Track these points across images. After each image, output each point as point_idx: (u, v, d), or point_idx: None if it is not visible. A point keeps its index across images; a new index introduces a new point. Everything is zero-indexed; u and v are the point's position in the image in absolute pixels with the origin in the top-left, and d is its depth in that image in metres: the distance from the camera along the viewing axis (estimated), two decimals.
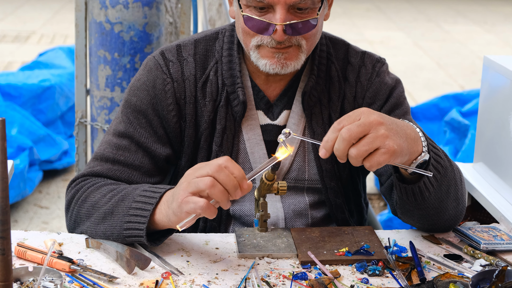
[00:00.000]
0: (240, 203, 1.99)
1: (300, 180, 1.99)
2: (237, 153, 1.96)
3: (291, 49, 1.85)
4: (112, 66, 3.02)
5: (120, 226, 1.74)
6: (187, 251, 1.77)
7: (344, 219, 2.02)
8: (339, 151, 1.59)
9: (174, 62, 1.97)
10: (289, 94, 1.99)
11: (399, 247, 1.79)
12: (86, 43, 3.15)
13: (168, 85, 1.95)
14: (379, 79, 2.01)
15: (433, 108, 5.11)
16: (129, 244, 1.76)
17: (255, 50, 1.87)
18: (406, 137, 1.65)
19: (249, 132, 1.97)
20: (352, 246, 1.78)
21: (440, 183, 1.78)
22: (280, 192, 1.80)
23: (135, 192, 1.77)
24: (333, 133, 1.60)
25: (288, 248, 1.77)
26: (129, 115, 1.95)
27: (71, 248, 1.75)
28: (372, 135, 1.58)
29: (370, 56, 2.05)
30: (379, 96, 2.00)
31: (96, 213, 1.80)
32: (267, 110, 1.98)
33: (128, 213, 1.74)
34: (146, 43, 3.02)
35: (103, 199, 1.81)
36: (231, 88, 1.95)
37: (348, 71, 2.01)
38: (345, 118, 1.61)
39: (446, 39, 9.65)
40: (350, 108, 1.99)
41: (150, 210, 1.71)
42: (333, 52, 2.02)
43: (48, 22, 9.61)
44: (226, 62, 1.96)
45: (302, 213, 2.00)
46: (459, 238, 1.87)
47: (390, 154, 1.59)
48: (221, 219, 1.99)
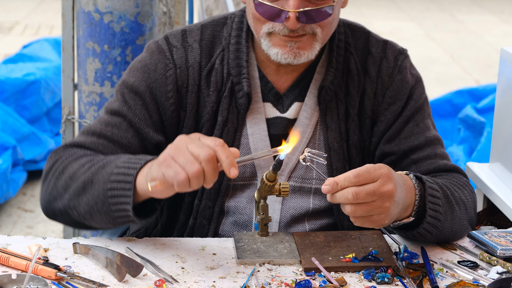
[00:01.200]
0: (236, 198, 1.99)
1: (307, 179, 1.99)
2: (238, 148, 1.97)
3: (304, 38, 1.86)
4: (102, 59, 3.02)
5: (103, 195, 1.74)
6: (182, 257, 1.77)
7: (352, 227, 2.01)
8: (336, 200, 1.65)
9: (178, 47, 1.98)
10: (302, 86, 1.99)
11: (410, 253, 1.79)
12: (73, 34, 3.15)
13: (170, 71, 1.95)
14: (401, 76, 2.02)
15: (446, 104, 5.11)
16: (116, 220, 1.75)
17: (266, 38, 1.88)
18: (402, 206, 1.73)
19: (253, 126, 1.97)
20: (359, 252, 1.78)
21: (442, 228, 1.83)
22: (282, 194, 1.81)
23: (119, 159, 1.78)
24: (345, 182, 1.64)
25: (291, 254, 1.77)
26: (125, 95, 1.96)
27: (57, 254, 1.76)
28: (376, 204, 1.65)
29: (392, 46, 2.05)
30: (399, 96, 2.01)
31: (74, 184, 1.79)
32: (276, 101, 1.99)
33: (109, 179, 1.73)
34: (138, 34, 3.02)
35: (81, 169, 1.80)
36: (236, 78, 1.95)
37: (368, 63, 2.01)
38: (364, 174, 1.64)
39: (460, 30, 9.65)
40: (370, 105, 2.00)
41: (134, 174, 1.71)
42: (352, 41, 2.02)
43: (33, 11, 9.61)
44: (233, 50, 1.96)
45: (299, 220, 2.00)
46: (474, 244, 1.88)
47: (378, 224, 1.68)
48: (213, 215, 1.99)
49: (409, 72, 2.04)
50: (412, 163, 1.98)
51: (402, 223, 1.78)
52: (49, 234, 4.17)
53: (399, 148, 1.99)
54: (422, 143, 1.99)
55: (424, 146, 1.99)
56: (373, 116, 2.01)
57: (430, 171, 1.97)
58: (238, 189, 1.99)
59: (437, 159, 1.98)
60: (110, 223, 1.79)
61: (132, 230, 2.13)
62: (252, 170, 1.98)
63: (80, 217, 1.81)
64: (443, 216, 1.81)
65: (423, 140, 1.99)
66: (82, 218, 1.81)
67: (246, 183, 1.98)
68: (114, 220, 1.77)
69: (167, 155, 1.63)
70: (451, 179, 1.95)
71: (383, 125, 2.00)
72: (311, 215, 2.00)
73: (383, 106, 2.00)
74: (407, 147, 1.99)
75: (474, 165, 2.43)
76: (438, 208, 1.80)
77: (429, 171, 1.97)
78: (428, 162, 1.98)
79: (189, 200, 2.00)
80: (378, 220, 1.66)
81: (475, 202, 1.96)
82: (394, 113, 2.00)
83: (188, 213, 2.01)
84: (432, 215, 1.79)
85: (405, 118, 2.00)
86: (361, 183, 1.63)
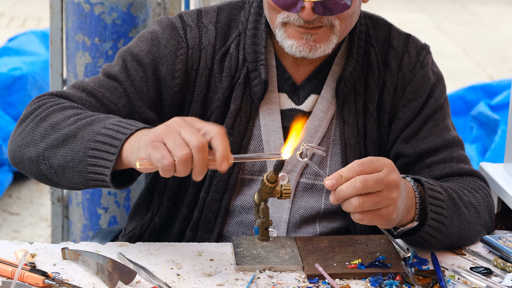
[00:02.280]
0: (242, 196, 1.99)
1: (320, 177, 1.99)
2: (249, 140, 1.97)
3: (321, 30, 1.86)
4: (92, 53, 3.02)
5: (83, 153, 1.72)
6: (177, 263, 1.77)
7: (364, 230, 2.02)
8: (343, 194, 1.64)
9: (192, 27, 1.98)
10: (319, 77, 2.00)
11: (420, 259, 1.79)
12: (62, 27, 3.15)
13: (182, 49, 1.96)
14: (422, 72, 2.03)
15: (458, 101, 5.11)
16: (88, 182, 1.74)
17: (281, 28, 1.88)
18: (405, 205, 1.73)
19: (267, 117, 1.98)
20: (365, 258, 1.78)
21: (448, 232, 1.83)
22: (284, 196, 1.81)
23: (108, 120, 1.76)
24: (350, 172, 1.64)
25: (293, 260, 1.77)
26: (127, 62, 1.96)
27: (45, 260, 1.76)
28: (384, 194, 1.65)
29: (414, 41, 2.07)
30: (420, 92, 2.02)
31: (55, 134, 1.77)
32: (292, 93, 1.99)
33: (95, 138, 1.72)
34: (131, 26, 3.02)
35: (66, 121, 1.79)
36: (252, 65, 1.96)
37: (389, 56, 2.02)
38: (368, 163, 1.65)
39: (473, 22, 9.65)
40: (389, 100, 2.01)
41: (123, 140, 1.69)
42: (373, 33, 2.03)
43: (19, 2, 9.61)
44: (251, 35, 1.97)
45: (310, 221, 2.00)
46: (488, 249, 1.88)
47: (386, 220, 1.67)
48: (219, 210, 1.99)
49: (431, 69, 2.05)
50: (425, 167, 1.99)
51: (406, 229, 1.78)
52: (36, 239, 4.17)
53: (414, 150, 1.99)
54: (439, 145, 1.99)
55: (440, 149, 2.00)
56: (392, 112, 2.02)
57: (443, 175, 1.98)
58: (245, 184, 1.99)
59: (452, 163, 1.99)
60: (81, 183, 1.76)
61: (128, 229, 2.13)
62: (261, 164, 1.98)
63: (51, 170, 1.78)
64: (448, 220, 1.81)
65: (440, 142, 1.99)
66: (53, 171, 1.78)
67: (254, 177, 1.99)
68: (87, 181, 1.74)
69: (157, 135, 1.61)
70: (462, 183, 1.95)
71: (401, 123, 2.01)
72: (322, 216, 2.01)
73: (403, 102, 2.01)
74: (423, 149, 1.99)
75: (487, 166, 2.43)
76: (441, 211, 1.80)
77: (442, 175, 1.97)
78: (442, 166, 1.98)
79: (193, 192, 2.00)
80: (387, 213, 1.66)
81: (490, 206, 1.95)
82: (413, 110, 2.01)
83: (191, 205, 2.01)
84: (434, 218, 1.79)
85: (424, 116, 2.01)
86: (366, 172, 1.64)
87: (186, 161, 1.58)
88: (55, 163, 1.77)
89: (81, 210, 3.13)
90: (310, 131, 1.98)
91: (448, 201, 1.82)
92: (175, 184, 2.01)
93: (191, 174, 1.91)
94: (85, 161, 1.72)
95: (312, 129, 1.98)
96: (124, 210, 3.09)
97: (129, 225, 2.15)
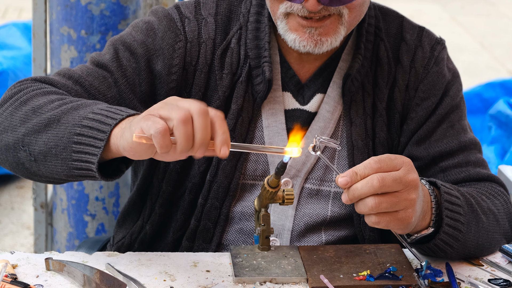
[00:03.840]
0: (243, 202, 2.00)
1: (327, 182, 2.00)
2: (251, 142, 1.98)
3: (328, 21, 1.85)
4: (78, 47, 3.02)
5: (68, 139, 1.70)
6: (171, 274, 1.77)
7: (373, 239, 2.02)
8: (357, 193, 1.63)
9: (191, 19, 1.98)
10: (325, 75, 2.00)
11: (433, 270, 1.79)
12: (45, 18, 3.15)
13: (180, 43, 1.96)
14: (437, 69, 2.03)
15: (475, 99, 5.11)
16: (71, 171, 1.71)
17: (283, 20, 1.88)
18: (421, 208, 1.72)
19: (270, 117, 1.98)
20: (375, 269, 1.78)
21: (465, 240, 1.83)
22: (287, 202, 1.81)
23: (96, 105, 1.74)
24: (367, 169, 1.63)
25: (296, 271, 1.78)
26: (119, 52, 1.95)
27: (27, 271, 1.76)
28: (402, 195, 1.64)
29: (429, 34, 2.07)
30: (434, 90, 2.02)
31: (36, 118, 1.75)
32: (297, 92, 2.00)
33: (81, 123, 1.70)
34: (120, 18, 3.02)
35: (49, 105, 1.77)
36: (255, 61, 1.96)
37: (401, 51, 2.02)
38: (386, 160, 1.64)
39: (491, 13, 9.65)
40: (401, 98, 2.01)
41: (112, 125, 1.66)
42: (383, 26, 2.03)
43: None
44: (252, 29, 1.97)
45: (315, 229, 2.00)
46: (507, 259, 1.88)
47: (405, 223, 1.66)
48: (219, 217, 2.00)
49: (446, 65, 2.05)
50: (440, 171, 1.99)
51: (421, 236, 1.78)
52: (18, 248, 4.17)
53: (428, 153, 1.99)
54: (454, 148, 1.99)
55: (456, 152, 2.00)
56: (403, 112, 2.02)
57: (459, 180, 1.98)
58: (246, 190, 2.00)
59: (468, 167, 1.99)
60: (64, 173, 1.73)
61: (117, 238, 2.13)
62: (264, 168, 1.99)
63: (30, 158, 1.76)
64: (465, 227, 1.81)
65: (456, 145, 2.00)
66: (33, 159, 1.75)
67: (256, 182, 1.99)
68: (70, 170, 1.72)
69: (151, 110, 1.59)
70: (479, 188, 1.95)
71: (413, 123, 2.01)
72: (328, 224, 2.01)
73: (415, 101, 2.01)
74: (437, 152, 1.99)
75: (506, 169, 2.43)
76: (458, 217, 1.80)
77: (458, 180, 1.98)
78: (458, 170, 1.98)
79: (190, 198, 2.00)
80: (405, 216, 1.65)
81: (510, 213, 1.95)
82: (426, 110, 2.01)
83: (188, 212, 2.01)
84: (450, 224, 1.79)
85: (438, 117, 2.01)
86: (383, 170, 1.63)
87: (185, 120, 1.53)
88: (35, 149, 1.74)
89: (67, 217, 3.13)
90: (316, 133, 1.98)
91: (466, 207, 1.82)
92: (169, 189, 2.01)
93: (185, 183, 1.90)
94: (69, 148, 1.70)
95: (318, 131, 1.98)
96: (113, 217, 3.09)
97: (117, 233, 2.15)
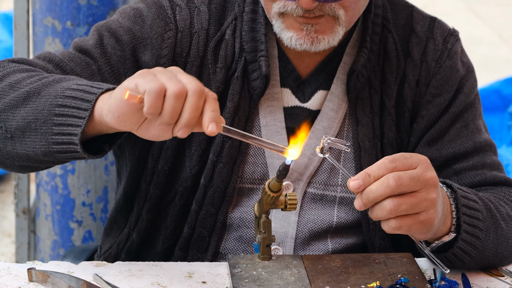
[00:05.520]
0: (241, 208, 2.00)
1: (331, 186, 2.00)
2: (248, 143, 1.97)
3: (323, 20, 1.86)
4: (64, 39, 3.02)
5: (49, 111, 1.69)
6: (163, 286, 1.77)
7: (384, 247, 2.02)
8: (372, 195, 1.61)
9: (182, 7, 1.99)
10: (328, 70, 2.00)
11: (448, 281, 1.80)
12: (28, 8, 3.15)
13: (170, 32, 1.96)
14: (450, 63, 2.03)
15: (494, 95, 5.12)
16: (51, 147, 1.69)
17: (279, 19, 1.88)
18: (442, 210, 1.71)
19: (268, 115, 1.98)
20: (385, 280, 1.78)
21: (484, 248, 1.82)
22: (289, 207, 1.81)
23: (79, 79, 1.74)
24: (381, 169, 1.62)
25: (299, 283, 1.78)
26: (104, 38, 1.96)
27: (8, 282, 1.76)
28: (421, 195, 1.62)
29: (441, 25, 2.07)
30: (447, 86, 2.02)
31: (14, 93, 1.75)
32: (297, 88, 2.00)
33: (63, 94, 1.69)
34: (109, 7, 3.02)
35: (27, 80, 1.77)
36: (251, 55, 1.96)
37: (411, 44, 2.03)
38: (400, 158, 1.64)
39: (511, 2, 9.65)
40: (411, 95, 2.01)
41: (97, 94, 1.65)
42: (391, 16, 2.03)
43: None
44: (248, 20, 1.98)
45: (321, 236, 2.00)
46: None
47: (427, 225, 1.65)
48: (215, 225, 1.99)
49: (460, 59, 2.05)
50: (453, 174, 1.99)
51: (441, 242, 1.77)
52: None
53: (440, 154, 1.99)
54: (469, 149, 1.99)
55: (471, 154, 2.00)
56: (413, 109, 2.02)
57: (475, 184, 1.98)
58: (244, 195, 2.00)
59: (484, 170, 1.99)
60: (42, 149, 1.72)
61: (104, 248, 2.13)
62: (263, 171, 1.99)
63: (6, 135, 1.74)
64: (483, 234, 1.81)
65: (471, 146, 2.00)
66: (9, 136, 1.74)
67: (254, 186, 1.99)
68: (49, 146, 1.70)
69: (149, 70, 1.59)
70: (497, 193, 1.95)
71: (424, 122, 2.01)
72: (335, 231, 2.01)
73: (426, 98, 2.01)
74: (450, 153, 1.99)
75: None
76: (476, 223, 1.80)
77: (473, 184, 1.98)
78: (473, 173, 1.98)
79: (181, 204, 2.00)
80: (427, 218, 1.64)
81: None
82: (438, 108, 2.01)
83: (179, 219, 2.01)
84: (468, 230, 1.79)
85: (452, 115, 2.01)
86: (399, 169, 1.62)
87: (179, 95, 1.54)
88: (12, 125, 1.73)
89: (51, 224, 3.13)
90: (319, 134, 1.98)
91: (485, 212, 1.82)
92: (157, 193, 2.01)
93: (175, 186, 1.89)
94: (50, 121, 1.69)
95: (321, 131, 1.98)
96: (101, 224, 3.09)
97: (104, 242, 2.15)
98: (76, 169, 3.01)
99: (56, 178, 3.02)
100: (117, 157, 2.12)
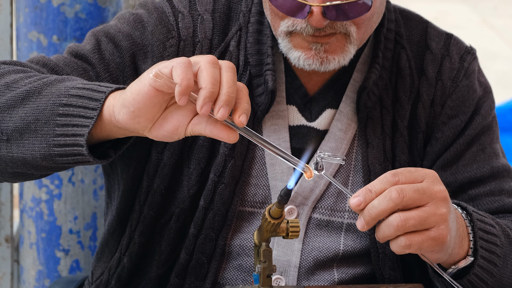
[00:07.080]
0: (241, 234, 2.00)
1: (338, 212, 1.99)
2: (251, 162, 1.97)
3: (334, 39, 1.86)
4: (49, 54, 3.02)
5: (51, 110, 1.66)
6: None
7: (394, 278, 2.01)
8: (375, 212, 1.58)
9: (185, 15, 1.99)
10: (337, 88, 2.00)
11: None
12: (11, 22, 3.15)
13: (172, 40, 1.97)
14: (467, 82, 2.03)
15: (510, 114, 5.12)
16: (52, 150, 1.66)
17: (285, 38, 1.88)
18: (456, 232, 1.69)
19: (272, 134, 1.98)
20: None
21: (501, 276, 1.81)
22: (291, 235, 1.80)
23: (83, 80, 1.73)
24: (382, 184, 1.60)
25: None
26: (102, 44, 1.95)
27: None
28: (429, 209, 1.60)
29: (457, 42, 2.07)
30: (463, 107, 2.02)
31: (11, 93, 1.72)
32: (304, 106, 2.00)
33: (68, 93, 1.67)
34: (98, 21, 3.03)
35: (25, 79, 1.75)
36: (256, 69, 1.97)
37: (426, 61, 2.03)
38: (404, 172, 1.62)
39: None
40: (425, 115, 2.01)
41: (106, 92, 1.63)
42: (404, 32, 2.04)
43: None
44: (254, 31, 1.98)
45: (326, 265, 2.00)
46: None
47: (439, 242, 1.61)
48: (215, 251, 1.99)
49: (477, 79, 2.05)
50: (469, 199, 1.98)
51: (458, 268, 1.75)
52: None
53: (455, 178, 1.99)
54: (486, 174, 1.99)
55: (488, 179, 1.99)
56: (427, 131, 2.02)
57: (492, 211, 1.97)
58: (244, 219, 1.99)
59: (502, 197, 1.99)
60: (41, 152, 1.68)
61: (96, 274, 2.11)
62: (265, 193, 1.99)
63: (2, 137, 1.72)
64: (501, 261, 1.80)
65: (488, 171, 1.99)
66: (5, 139, 1.71)
67: (255, 210, 1.99)
68: (50, 149, 1.67)
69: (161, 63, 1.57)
70: None
71: (439, 145, 2.01)
72: (341, 260, 2.00)
73: (441, 119, 2.01)
74: (466, 178, 1.99)
75: None
76: (493, 249, 1.79)
77: (490, 211, 1.97)
78: (490, 199, 1.98)
79: (177, 227, 1.99)
80: (439, 235, 1.60)
81: None
82: (454, 130, 2.01)
83: (175, 243, 2.00)
84: (485, 256, 1.77)
85: (468, 138, 2.00)
86: (402, 183, 1.60)
87: (214, 62, 1.53)
88: (9, 127, 1.71)
89: (35, 253, 3.12)
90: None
91: (503, 237, 1.81)
92: (151, 214, 2.00)
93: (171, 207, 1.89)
94: (53, 121, 1.66)
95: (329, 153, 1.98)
96: (90, 253, 3.08)
97: (96, 268, 2.14)
98: (63, 194, 3.00)
99: (41, 204, 3.01)
100: (107, 175, 2.11)
